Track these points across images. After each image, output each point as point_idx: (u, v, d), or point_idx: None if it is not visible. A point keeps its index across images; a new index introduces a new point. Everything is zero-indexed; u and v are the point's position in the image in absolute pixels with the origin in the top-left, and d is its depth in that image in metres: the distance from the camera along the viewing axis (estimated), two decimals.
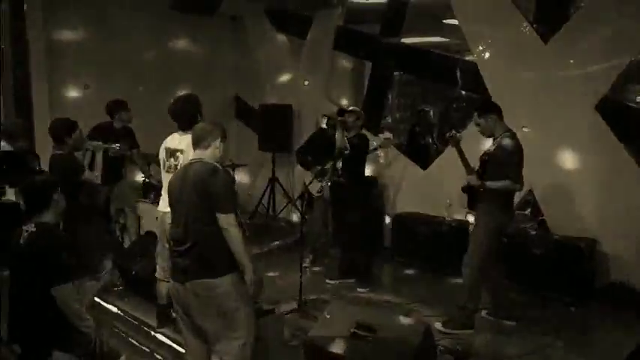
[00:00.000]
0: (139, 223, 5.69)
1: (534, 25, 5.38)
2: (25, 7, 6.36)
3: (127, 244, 5.71)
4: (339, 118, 5.25)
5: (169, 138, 4.02)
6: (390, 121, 9.71)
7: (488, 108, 4.27)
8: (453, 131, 4.31)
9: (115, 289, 5.11)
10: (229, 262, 2.92)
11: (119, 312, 4.67)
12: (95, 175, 5.08)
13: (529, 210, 5.82)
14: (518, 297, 4.82)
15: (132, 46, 7.41)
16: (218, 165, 3.01)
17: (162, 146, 4.03)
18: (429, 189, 6.29)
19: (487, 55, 5.77)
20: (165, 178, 4.01)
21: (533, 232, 5.27)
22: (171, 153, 3.92)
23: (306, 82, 7.57)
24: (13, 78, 6.40)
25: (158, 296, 4.25)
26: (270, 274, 5.46)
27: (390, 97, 9.66)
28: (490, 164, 4.09)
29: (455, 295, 4.53)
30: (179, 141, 3.90)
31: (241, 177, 7.90)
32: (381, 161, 6.90)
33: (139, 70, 7.40)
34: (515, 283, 4.88)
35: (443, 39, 8.68)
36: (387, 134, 7.53)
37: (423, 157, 7.05)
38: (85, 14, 6.93)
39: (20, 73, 6.40)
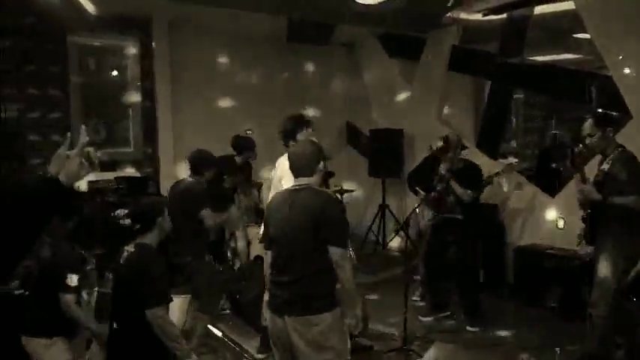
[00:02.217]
0: (249, 248, 5.75)
1: None
2: (154, 44, 6.86)
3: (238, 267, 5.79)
4: (447, 169, 4.80)
5: None
6: (515, 145, 9.05)
7: (610, 119, 3.74)
8: (581, 146, 3.74)
9: (222, 312, 5.16)
10: (332, 297, 2.76)
11: (223, 337, 4.66)
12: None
13: None
14: None
15: (250, 77, 7.69)
16: (334, 194, 2.86)
17: None
18: (558, 218, 5.63)
19: (627, 69, 5.08)
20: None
21: None
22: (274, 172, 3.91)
23: (446, 110, 7.11)
24: (142, 110, 6.90)
25: (263, 319, 4.17)
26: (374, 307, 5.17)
27: (513, 120, 9.04)
28: (610, 181, 3.51)
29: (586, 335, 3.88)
30: (281, 159, 3.89)
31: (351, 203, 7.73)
32: (505, 189, 6.35)
33: (257, 99, 7.63)
34: None
35: (571, 55, 7.93)
36: (511, 159, 6.98)
37: (551, 183, 6.39)
38: (208, 47, 7.31)
39: (148, 105, 6.87)
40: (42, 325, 3.26)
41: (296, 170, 2.88)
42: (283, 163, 3.72)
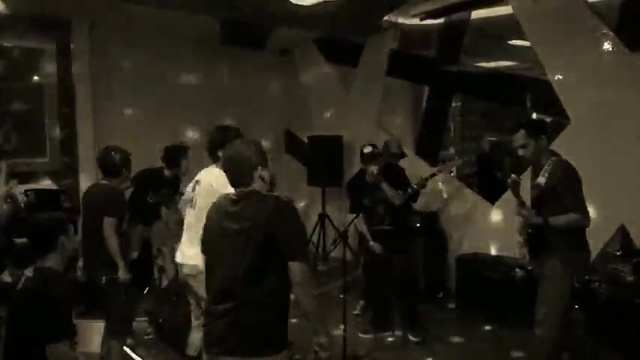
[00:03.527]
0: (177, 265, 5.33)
1: (620, 35, 4.65)
2: (72, 46, 6.32)
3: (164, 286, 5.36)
4: (371, 170, 4.57)
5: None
6: (453, 152, 9.06)
7: (543, 127, 3.47)
8: (514, 176, 3.47)
9: (146, 337, 4.71)
10: (283, 333, 2.29)
11: None
12: None
13: (619, 251, 4.92)
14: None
15: (180, 82, 7.28)
16: (282, 197, 2.32)
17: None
18: (499, 226, 5.55)
19: (565, 74, 5.03)
20: (189, 215, 3.60)
21: (630, 278, 4.36)
22: (194, 186, 3.53)
23: (385, 116, 6.90)
24: (59, 116, 6.33)
25: (188, 346, 3.80)
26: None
27: (451, 126, 9.06)
28: (548, 198, 3.28)
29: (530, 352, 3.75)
30: (203, 171, 3.51)
31: None
32: (445, 195, 6.23)
33: (188, 106, 7.19)
34: (599, 337, 4.04)
35: (509, 62, 8.00)
36: (457, 160, 6.77)
37: (491, 190, 6.33)
38: (132, 51, 6.84)
39: (66, 111, 6.31)
40: None
41: (232, 181, 2.37)
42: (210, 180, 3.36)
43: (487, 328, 4.91)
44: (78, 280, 3.85)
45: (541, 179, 3.29)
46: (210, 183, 3.29)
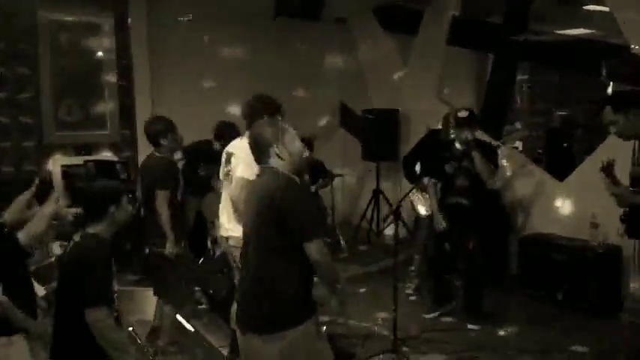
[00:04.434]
0: None
1: None
2: (130, 20, 6.38)
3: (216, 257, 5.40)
4: (465, 136, 4.24)
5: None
6: (518, 127, 8.58)
7: (631, 100, 3.17)
8: (609, 157, 3.19)
9: (199, 307, 4.76)
10: (303, 307, 2.29)
11: (195, 334, 4.23)
12: None
13: None
14: None
15: (235, 55, 7.22)
16: (292, 175, 2.33)
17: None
18: (567, 205, 5.17)
19: None
20: (223, 188, 3.55)
21: None
22: (228, 157, 3.44)
23: (446, 88, 6.64)
24: (118, 90, 6.45)
25: (231, 319, 3.77)
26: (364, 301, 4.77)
27: (518, 99, 8.56)
28: None
29: (602, 341, 3.48)
30: (236, 143, 3.42)
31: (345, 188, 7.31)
32: (508, 173, 5.88)
33: (243, 79, 7.13)
34: None
35: (583, 30, 7.41)
36: (517, 144, 6.49)
37: (559, 166, 5.93)
38: (190, 24, 6.82)
39: (124, 85, 6.42)
40: None
41: (255, 157, 2.45)
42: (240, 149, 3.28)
43: (551, 314, 4.60)
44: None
45: None
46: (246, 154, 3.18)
